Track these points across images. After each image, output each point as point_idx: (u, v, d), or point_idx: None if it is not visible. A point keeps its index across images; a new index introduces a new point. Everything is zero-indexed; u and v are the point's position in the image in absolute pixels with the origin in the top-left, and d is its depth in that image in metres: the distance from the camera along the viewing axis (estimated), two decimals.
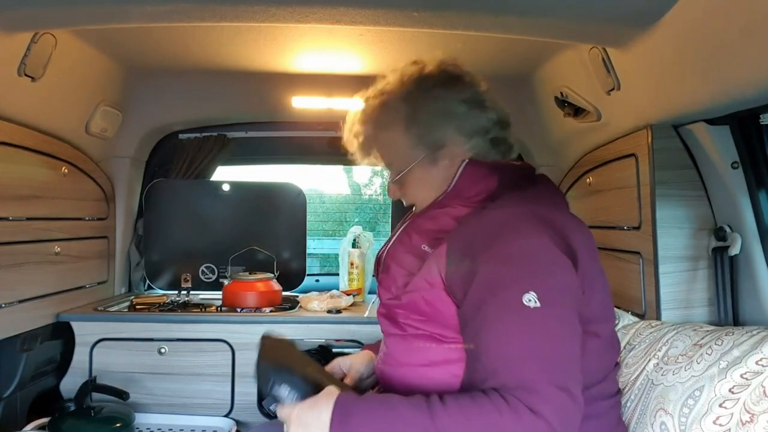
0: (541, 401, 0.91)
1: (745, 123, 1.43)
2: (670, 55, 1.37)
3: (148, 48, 2.02)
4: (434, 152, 1.21)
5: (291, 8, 1.37)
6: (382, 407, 0.96)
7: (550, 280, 1.00)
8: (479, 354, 1.01)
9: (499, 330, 0.98)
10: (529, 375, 0.94)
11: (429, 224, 1.19)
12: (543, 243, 1.02)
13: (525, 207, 1.10)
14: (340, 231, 6.41)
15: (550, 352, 0.96)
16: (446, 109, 1.21)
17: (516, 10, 1.35)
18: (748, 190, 1.45)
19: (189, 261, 2.63)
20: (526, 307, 0.96)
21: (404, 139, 1.22)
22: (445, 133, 1.20)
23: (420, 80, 1.23)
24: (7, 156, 1.73)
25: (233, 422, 2.09)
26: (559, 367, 0.96)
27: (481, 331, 1.00)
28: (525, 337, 0.96)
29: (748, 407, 1.06)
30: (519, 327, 0.97)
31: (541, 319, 0.97)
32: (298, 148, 2.87)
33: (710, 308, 1.54)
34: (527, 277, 0.99)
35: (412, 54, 1.30)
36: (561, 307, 1.00)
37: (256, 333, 2.15)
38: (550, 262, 1.02)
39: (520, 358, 0.95)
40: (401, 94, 1.22)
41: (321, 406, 0.98)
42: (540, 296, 0.97)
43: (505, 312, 0.98)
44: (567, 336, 0.99)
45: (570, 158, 2.18)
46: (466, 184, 1.18)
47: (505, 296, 0.98)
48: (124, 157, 2.52)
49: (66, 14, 1.46)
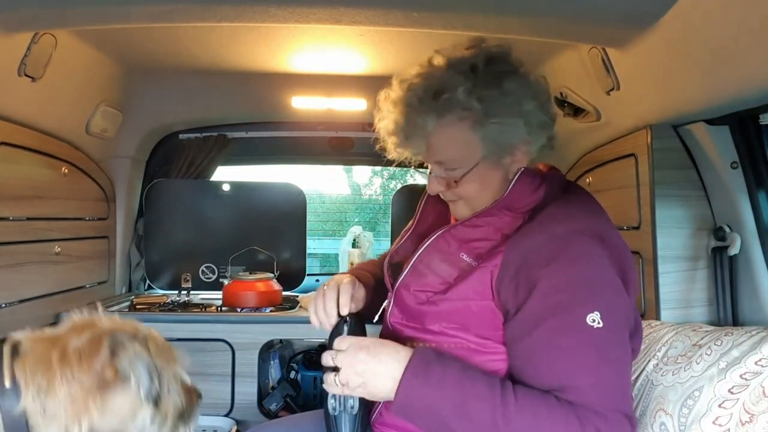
0: (609, 427, 0.95)
1: (745, 123, 1.43)
2: (670, 55, 1.37)
3: (148, 48, 2.02)
4: (501, 151, 1.12)
5: (291, 8, 1.37)
6: (460, 370, 1.00)
7: (610, 302, 1.01)
8: (535, 371, 1.02)
9: (565, 348, 0.99)
10: (600, 399, 0.96)
11: (471, 233, 1.14)
12: (602, 265, 1.03)
13: (582, 224, 1.08)
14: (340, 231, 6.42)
15: (617, 377, 1.00)
16: (517, 106, 1.09)
17: (516, 10, 1.35)
18: (747, 190, 1.45)
19: (189, 261, 2.64)
20: (590, 327, 0.98)
21: (470, 134, 1.10)
22: (514, 132, 1.10)
23: (486, 71, 1.10)
24: (7, 156, 1.74)
25: (233, 422, 2.10)
26: (624, 394, 1.00)
27: (540, 348, 1.01)
28: (593, 358, 0.98)
29: (748, 407, 1.06)
30: (586, 347, 0.98)
31: (605, 340, 0.99)
32: (298, 148, 2.87)
33: (709, 308, 1.54)
34: (589, 298, 1.00)
35: (411, 54, 1.31)
36: (620, 329, 1.02)
37: (256, 333, 2.17)
38: (609, 284, 1.03)
39: (591, 381, 0.97)
40: (468, 86, 1.08)
41: (398, 347, 1.03)
42: (603, 317, 0.98)
43: (570, 331, 0.99)
44: (626, 359, 1.03)
45: (570, 158, 2.18)
46: (519, 194, 1.12)
47: (568, 316, 0.99)
48: (124, 157, 2.53)
49: (66, 14, 1.46)
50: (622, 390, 1.00)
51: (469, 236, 1.14)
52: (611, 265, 1.04)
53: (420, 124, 1.11)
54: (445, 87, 1.09)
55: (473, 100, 1.07)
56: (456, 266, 1.13)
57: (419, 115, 1.11)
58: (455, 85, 1.08)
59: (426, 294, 1.14)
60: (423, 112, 1.10)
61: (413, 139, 1.14)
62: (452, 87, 1.08)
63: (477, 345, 1.09)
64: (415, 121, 1.11)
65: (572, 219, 1.09)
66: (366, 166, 7.14)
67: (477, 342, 1.09)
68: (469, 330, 1.09)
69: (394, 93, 1.15)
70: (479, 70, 1.10)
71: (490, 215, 1.14)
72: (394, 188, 6.28)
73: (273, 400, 2.24)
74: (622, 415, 0.97)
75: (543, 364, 1.01)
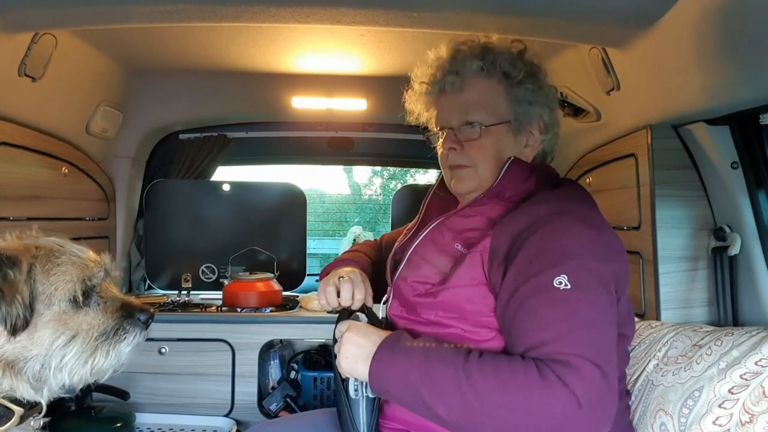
0: (574, 375, 0.92)
1: (745, 123, 1.43)
2: (670, 55, 1.37)
3: (148, 48, 2.02)
4: (522, 125, 1.23)
5: (291, 8, 1.38)
6: (428, 341, 1.05)
7: (580, 266, 1.02)
8: (511, 339, 1.04)
9: (533, 310, 1.01)
10: (565, 349, 0.95)
11: (464, 223, 1.19)
12: (581, 239, 1.05)
13: (566, 206, 1.11)
14: (340, 231, 6.42)
15: (584, 331, 0.98)
16: (547, 98, 1.26)
17: (516, 10, 1.35)
18: (747, 190, 1.45)
19: (189, 261, 2.63)
20: (556, 288, 0.99)
21: (502, 97, 1.22)
22: (537, 112, 1.24)
23: (530, 64, 1.26)
24: (7, 156, 1.74)
25: (233, 422, 2.10)
26: (593, 345, 0.97)
27: (513, 315, 1.04)
28: (556, 314, 0.99)
29: (748, 407, 1.06)
30: (551, 306, 0.99)
31: (574, 299, 0.99)
32: (298, 148, 2.87)
33: (710, 308, 1.54)
34: (558, 263, 1.01)
35: (411, 54, 1.31)
36: (593, 291, 1.02)
37: (256, 333, 2.18)
38: (584, 253, 1.04)
39: (553, 335, 0.97)
40: (512, 58, 1.24)
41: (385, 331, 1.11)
42: (571, 279, 0.99)
43: (537, 293, 1.01)
44: (600, 318, 1.01)
45: (570, 158, 2.18)
46: (509, 183, 1.18)
47: (536, 280, 1.01)
48: (124, 157, 2.53)
49: (66, 14, 1.46)
50: (591, 342, 0.97)
51: (462, 226, 1.19)
52: (591, 243, 1.05)
53: (463, 66, 1.22)
54: (493, 50, 1.23)
55: (515, 69, 1.22)
56: (450, 256, 1.16)
57: (466, 59, 1.22)
58: (502, 52, 1.23)
59: (424, 286, 1.17)
60: (469, 58, 1.22)
61: (450, 77, 1.22)
62: (499, 53, 1.23)
63: (472, 333, 1.11)
64: (463, 62, 1.22)
65: (557, 202, 1.13)
66: (366, 166, 7.15)
67: (472, 330, 1.11)
68: (465, 318, 1.12)
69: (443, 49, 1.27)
70: (523, 55, 1.26)
71: (481, 204, 1.19)
72: (394, 188, 6.28)
73: (273, 400, 2.24)
74: (592, 364, 0.93)
75: (515, 329, 1.03)
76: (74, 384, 1.06)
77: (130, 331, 1.09)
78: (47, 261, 1.04)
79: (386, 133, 2.73)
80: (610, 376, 0.94)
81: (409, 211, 1.35)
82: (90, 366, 1.04)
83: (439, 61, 1.26)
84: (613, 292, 1.06)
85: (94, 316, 1.06)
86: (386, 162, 3.79)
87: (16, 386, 1.01)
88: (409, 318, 1.20)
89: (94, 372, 1.05)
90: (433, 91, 1.27)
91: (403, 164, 3.19)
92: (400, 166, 4.07)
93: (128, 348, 1.08)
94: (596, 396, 0.92)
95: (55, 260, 1.04)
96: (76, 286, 1.04)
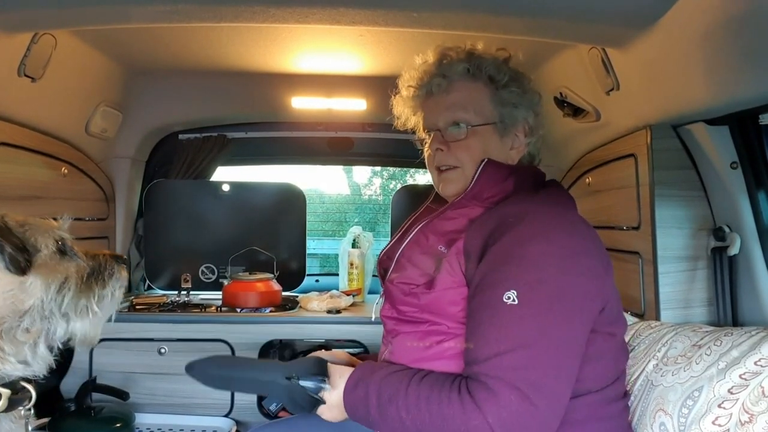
0: (490, 399, 0.94)
1: (745, 123, 1.43)
2: (670, 55, 1.37)
3: (148, 48, 2.02)
4: (508, 127, 1.25)
5: (291, 9, 1.38)
6: (386, 368, 1.12)
7: (536, 280, 1.00)
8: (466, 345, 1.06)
9: (479, 323, 1.02)
10: (490, 372, 0.96)
11: (446, 225, 1.20)
12: (547, 242, 1.04)
13: (541, 206, 1.12)
14: (340, 231, 6.42)
15: (519, 353, 0.96)
16: (532, 102, 1.28)
17: (516, 10, 1.35)
18: (747, 190, 1.45)
19: (189, 261, 2.63)
20: (503, 304, 0.99)
21: (488, 100, 1.24)
22: (522, 114, 1.26)
23: (515, 71, 1.28)
24: (7, 156, 1.74)
25: (233, 422, 2.10)
26: (524, 370, 0.95)
27: (468, 324, 1.07)
28: (496, 332, 0.99)
29: (747, 407, 1.06)
30: (494, 322, 1.00)
31: (517, 316, 0.98)
32: (298, 148, 2.87)
33: (709, 308, 1.54)
34: (512, 275, 1.01)
35: (411, 54, 1.31)
36: (542, 308, 0.99)
37: (256, 333, 2.17)
38: (550, 262, 1.02)
39: (489, 355, 0.98)
40: (498, 63, 1.26)
41: (338, 383, 1.13)
42: (519, 295, 0.99)
43: (486, 307, 1.02)
44: (542, 340, 0.97)
45: (569, 158, 2.18)
46: (485, 184, 1.19)
47: (489, 292, 1.02)
48: (124, 157, 2.53)
49: (66, 14, 1.46)
50: (521, 366, 0.95)
51: (444, 228, 1.20)
52: (560, 249, 1.04)
53: (450, 69, 1.24)
54: (479, 54, 1.26)
55: (500, 73, 1.24)
56: (434, 257, 1.17)
57: (452, 63, 1.25)
58: (487, 58, 1.26)
59: (408, 286, 1.18)
60: (455, 62, 1.25)
61: (437, 79, 1.25)
62: (485, 58, 1.26)
63: (454, 329, 1.12)
64: (450, 66, 1.25)
65: (531, 204, 1.13)
66: (366, 166, 7.14)
67: (454, 326, 1.12)
68: (449, 318, 1.13)
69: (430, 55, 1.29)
70: (508, 62, 1.29)
71: (462, 206, 1.20)
72: (394, 188, 6.27)
73: (273, 400, 2.24)
74: (514, 390, 0.93)
75: (466, 335, 1.07)
76: (79, 334, 1.10)
77: (116, 268, 1.17)
78: (18, 225, 1.07)
79: (386, 133, 2.73)
80: (540, 401, 0.94)
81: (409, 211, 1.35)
82: (91, 308, 1.10)
83: (426, 65, 1.28)
84: (582, 303, 1.03)
85: (78, 261, 1.12)
86: (386, 162, 3.78)
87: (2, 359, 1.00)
88: (397, 318, 1.21)
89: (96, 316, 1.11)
90: (421, 95, 1.29)
91: (403, 164, 3.18)
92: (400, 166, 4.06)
93: (119, 283, 1.16)
94: (515, 422, 0.93)
95: (25, 223, 1.09)
96: (53, 236, 1.10)
